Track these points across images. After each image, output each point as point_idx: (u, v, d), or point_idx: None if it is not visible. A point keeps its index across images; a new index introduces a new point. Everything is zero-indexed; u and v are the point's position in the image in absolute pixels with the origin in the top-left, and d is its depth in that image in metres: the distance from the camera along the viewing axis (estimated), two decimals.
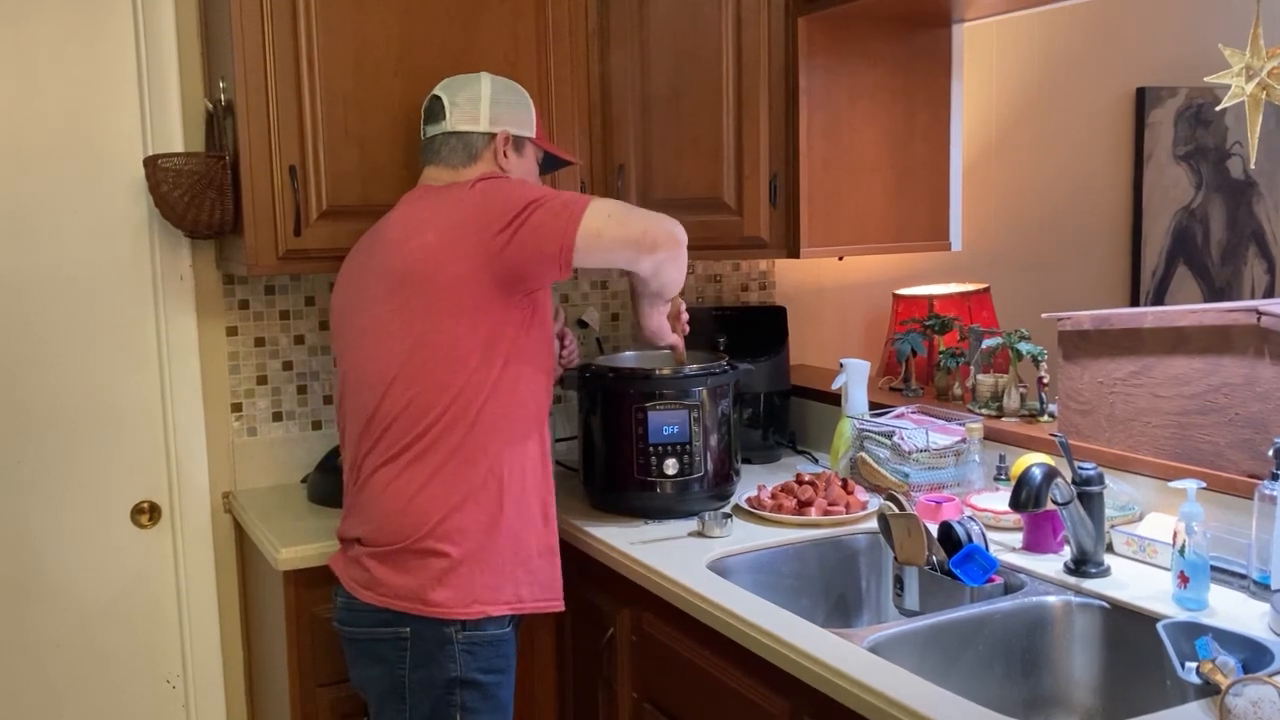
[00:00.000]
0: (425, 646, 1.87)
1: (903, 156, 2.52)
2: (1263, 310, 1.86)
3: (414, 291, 1.88)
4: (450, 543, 1.86)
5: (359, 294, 1.98)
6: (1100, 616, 1.79)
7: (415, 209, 1.98)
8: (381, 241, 1.98)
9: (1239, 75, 1.84)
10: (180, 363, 2.55)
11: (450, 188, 1.99)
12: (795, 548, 2.15)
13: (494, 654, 1.91)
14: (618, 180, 2.53)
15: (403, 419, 1.88)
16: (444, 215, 1.92)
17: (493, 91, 2.08)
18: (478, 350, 1.87)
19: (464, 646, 1.87)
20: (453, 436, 1.87)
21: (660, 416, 2.25)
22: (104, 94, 2.45)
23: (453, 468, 1.87)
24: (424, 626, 1.86)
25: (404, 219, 1.97)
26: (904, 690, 1.46)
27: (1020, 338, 2.46)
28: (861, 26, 2.43)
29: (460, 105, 2.05)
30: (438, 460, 1.87)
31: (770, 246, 2.44)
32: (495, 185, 1.95)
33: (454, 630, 1.86)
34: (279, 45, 2.21)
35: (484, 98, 2.06)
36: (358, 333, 1.97)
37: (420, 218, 1.94)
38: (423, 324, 1.87)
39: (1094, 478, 1.87)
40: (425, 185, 2.05)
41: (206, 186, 2.29)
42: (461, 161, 2.03)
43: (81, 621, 2.52)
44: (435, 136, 2.06)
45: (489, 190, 1.93)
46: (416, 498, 1.87)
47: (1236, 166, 3.94)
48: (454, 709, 1.88)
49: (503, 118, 2.06)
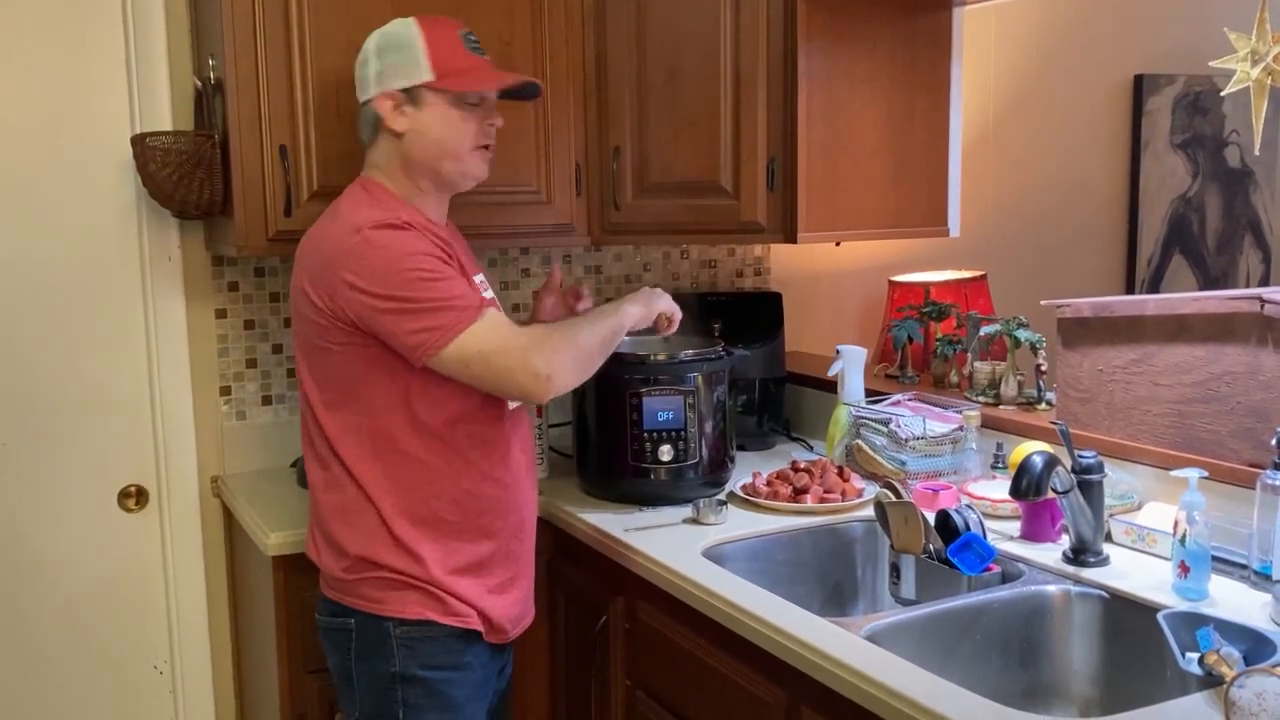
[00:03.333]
0: (367, 639, 1.82)
1: (902, 141, 2.50)
2: (1266, 298, 1.84)
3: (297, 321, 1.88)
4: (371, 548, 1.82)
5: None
6: (1099, 606, 1.78)
7: (316, 229, 1.85)
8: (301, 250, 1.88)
9: (1244, 60, 1.82)
10: (168, 345, 2.52)
11: (335, 223, 1.80)
12: (791, 535, 2.13)
13: (438, 650, 1.82)
14: (613, 163, 2.50)
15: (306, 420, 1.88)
16: (314, 262, 1.79)
17: (375, 48, 1.85)
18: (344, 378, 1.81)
19: (402, 642, 1.80)
20: (330, 448, 1.83)
21: (655, 402, 2.23)
22: (91, 71, 2.41)
23: (330, 477, 1.84)
24: (365, 620, 1.81)
25: (307, 239, 1.85)
26: (901, 679, 1.44)
27: (1018, 325, 2.44)
28: (861, 9, 2.40)
29: (358, 76, 1.88)
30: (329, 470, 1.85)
31: (767, 231, 2.42)
32: (369, 262, 1.73)
33: (392, 625, 1.80)
34: (269, 22, 2.17)
35: (369, 60, 1.85)
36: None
37: (306, 247, 1.84)
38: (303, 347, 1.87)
39: (1094, 466, 1.85)
40: (347, 190, 1.88)
41: (195, 166, 2.26)
42: (369, 136, 1.88)
43: (68, 606, 2.49)
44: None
45: (364, 260, 1.73)
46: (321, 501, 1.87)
47: (1234, 155, 3.93)
48: (396, 705, 1.81)
49: (385, 74, 1.83)
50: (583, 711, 2.26)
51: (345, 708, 1.91)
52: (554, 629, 2.36)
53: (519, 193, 2.45)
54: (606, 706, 2.14)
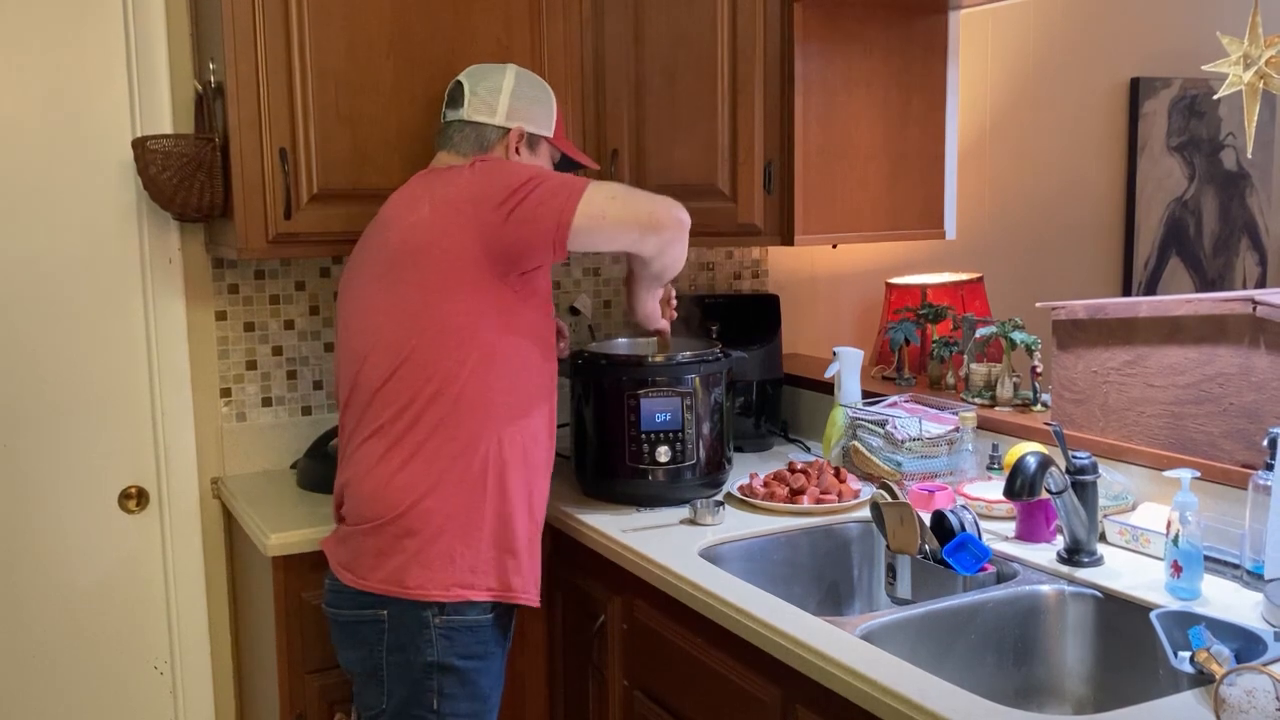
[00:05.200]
0: (403, 630, 1.84)
1: (898, 144, 2.51)
2: (1258, 300, 1.85)
3: (406, 267, 1.88)
4: (429, 523, 1.84)
5: (356, 273, 2.02)
6: (1093, 605, 1.79)
7: (412, 188, 2.00)
8: (379, 221, 2.01)
9: (1237, 64, 1.83)
10: (169, 347, 2.53)
11: (449, 169, 2.00)
12: (787, 536, 2.14)
13: (473, 639, 1.87)
14: (611, 166, 2.51)
15: (385, 394, 1.87)
16: (439, 191, 1.93)
17: (515, 85, 2.08)
18: (465, 329, 1.85)
19: (441, 631, 1.84)
20: (433, 414, 1.85)
21: (653, 404, 2.24)
22: (92, 74, 2.42)
23: (433, 446, 1.85)
24: (402, 609, 1.83)
25: (401, 198, 1.99)
26: (897, 678, 1.45)
27: (1014, 327, 2.46)
28: (857, 12, 2.42)
29: (479, 95, 2.06)
30: (418, 438, 1.85)
31: (764, 234, 2.43)
32: (495, 164, 1.97)
33: (431, 614, 1.83)
34: (270, 26, 2.18)
35: (504, 90, 2.06)
36: (350, 311, 1.99)
37: (415, 195, 1.96)
38: (413, 301, 1.86)
39: (1088, 467, 1.86)
40: (431, 168, 2.06)
41: (196, 169, 2.27)
42: (471, 150, 2.04)
43: (68, 607, 2.50)
44: (451, 122, 2.07)
45: (487, 168, 1.94)
46: (396, 476, 1.85)
47: (1230, 158, 3.94)
48: (430, 694, 1.85)
49: (520, 113, 2.07)
50: (580, 711, 2.27)
51: (365, 704, 1.92)
52: (552, 629, 2.37)
53: None
54: (604, 706, 2.15)
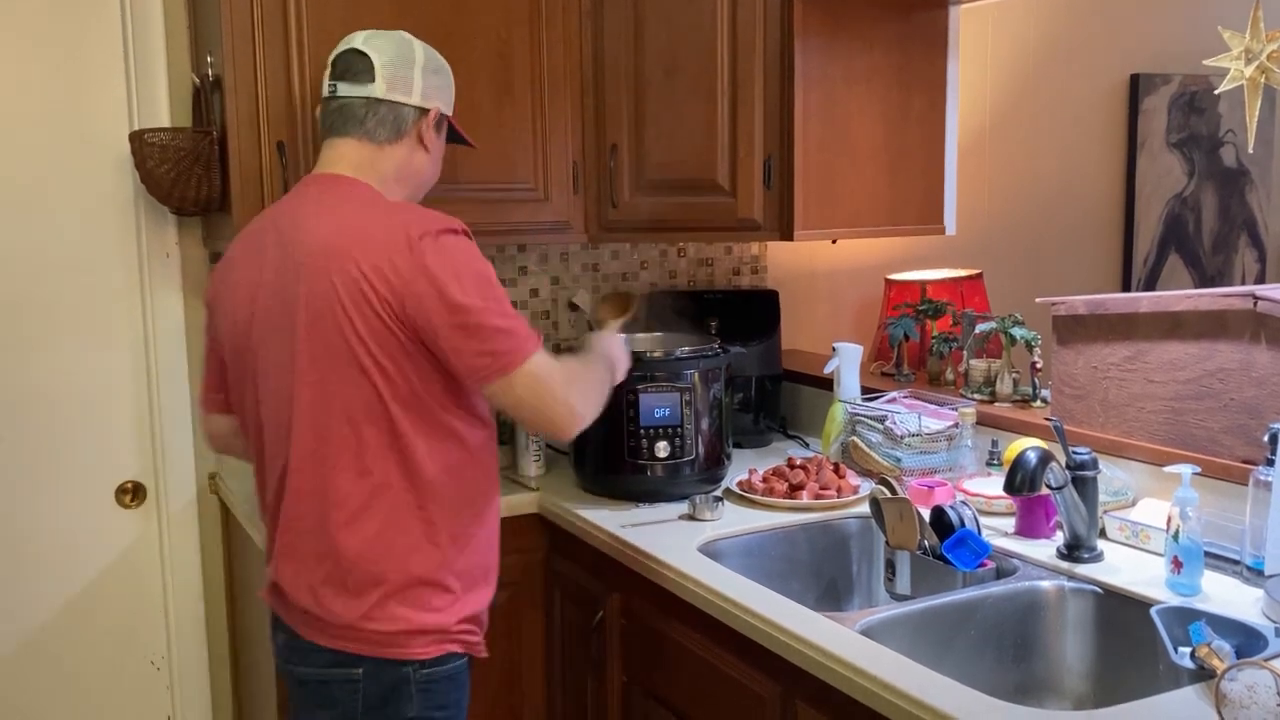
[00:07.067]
0: (380, 688, 1.69)
1: (898, 139, 2.50)
2: (1259, 295, 1.85)
3: (328, 329, 1.63)
4: (438, 585, 1.70)
5: (275, 308, 1.69)
6: (1093, 601, 1.78)
7: (343, 215, 1.69)
8: (301, 247, 1.67)
9: (1238, 59, 1.83)
10: (166, 342, 2.53)
11: (378, 203, 1.72)
12: (786, 531, 2.14)
13: (451, 688, 1.75)
14: (610, 160, 2.50)
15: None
16: (374, 249, 1.62)
17: (425, 59, 1.82)
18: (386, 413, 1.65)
19: (421, 685, 1.71)
20: (388, 495, 1.67)
21: (652, 399, 2.23)
22: (90, 68, 2.42)
23: (391, 517, 1.68)
24: (379, 667, 1.69)
25: (328, 226, 1.67)
26: (896, 673, 1.45)
27: (1014, 322, 2.45)
28: (858, 7, 2.41)
29: (392, 69, 1.76)
30: (380, 515, 1.67)
31: (764, 229, 2.42)
32: (453, 251, 1.65)
33: (412, 669, 1.69)
34: (268, 19, 2.18)
35: (416, 64, 1.80)
36: (276, 368, 1.69)
37: (349, 229, 1.66)
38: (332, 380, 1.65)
39: (1088, 462, 1.86)
40: (337, 175, 1.75)
41: (193, 162, 2.26)
42: (387, 137, 1.76)
43: (65, 602, 2.49)
44: (354, 100, 1.75)
45: (446, 257, 1.63)
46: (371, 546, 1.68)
47: (1229, 154, 3.94)
48: None
49: (434, 92, 1.82)
50: (579, 706, 2.27)
51: None
52: (550, 625, 2.37)
53: (516, 190, 2.46)
54: (603, 702, 2.15)
